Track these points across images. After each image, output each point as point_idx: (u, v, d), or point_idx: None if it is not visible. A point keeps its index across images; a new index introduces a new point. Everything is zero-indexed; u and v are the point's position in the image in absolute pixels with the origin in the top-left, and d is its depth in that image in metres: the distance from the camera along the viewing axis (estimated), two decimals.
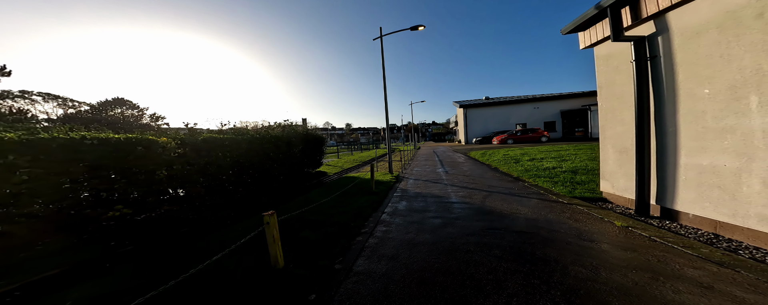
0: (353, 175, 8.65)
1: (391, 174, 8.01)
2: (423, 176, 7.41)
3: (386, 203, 4.69)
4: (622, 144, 3.25)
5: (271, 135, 6.01)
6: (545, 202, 3.91)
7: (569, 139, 21.29)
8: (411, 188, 5.93)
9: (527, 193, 4.57)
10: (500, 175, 6.73)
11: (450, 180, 6.52)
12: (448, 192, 5.17)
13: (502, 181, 5.91)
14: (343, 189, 5.55)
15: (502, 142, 20.67)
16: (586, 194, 4.02)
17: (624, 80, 3.14)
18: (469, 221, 3.35)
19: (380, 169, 9.78)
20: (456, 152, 15.53)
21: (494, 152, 12.29)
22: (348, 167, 11.68)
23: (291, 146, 6.84)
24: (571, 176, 5.36)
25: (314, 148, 8.54)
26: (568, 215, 3.24)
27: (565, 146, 12.83)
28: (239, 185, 5.16)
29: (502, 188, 5.12)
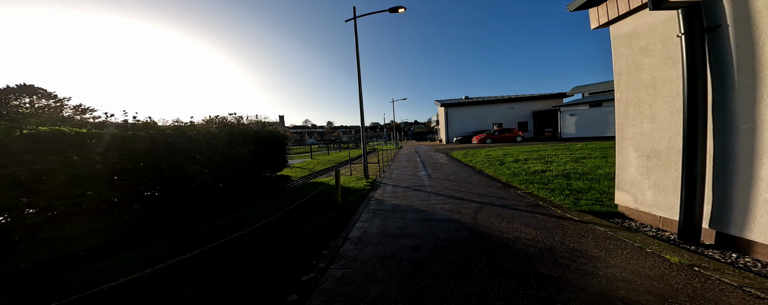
0: (323, 179, 7.39)
1: (367, 179, 6.91)
2: (403, 182, 6.43)
3: (353, 223, 3.59)
4: (650, 146, 2.54)
5: (199, 132, 4.51)
6: (552, 219, 3.13)
7: (540, 139, 22.17)
8: (388, 198, 4.89)
9: (525, 205, 3.80)
10: (487, 179, 6.00)
11: (434, 187, 5.62)
12: (433, 204, 4.23)
13: (491, 187, 5.15)
14: (302, 201, 4.31)
15: (481, 141, 20.83)
16: (595, 208, 3.33)
17: (656, 63, 2.42)
18: (462, 253, 2.40)
19: (356, 172, 8.63)
20: (438, 152, 14.95)
21: (476, 153, 11.84)
22: (320, 170, 10.31)
23: (234, 146, 5.37)
24: (566, 182, 4.76)
25: (273, 148, 7.10)
26: (591, 242, 2.45)
27: (539, 146, 12.87)
28: (129, 200, 3.59)
29: (493, 198, 4.31)
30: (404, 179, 6.89)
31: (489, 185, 5.43)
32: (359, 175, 7.86)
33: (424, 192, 5.19)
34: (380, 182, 6.58)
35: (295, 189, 6.15)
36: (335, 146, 35.56)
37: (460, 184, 5.71)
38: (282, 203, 4.74)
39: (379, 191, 5.57)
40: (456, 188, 5.36)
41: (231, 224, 3.51)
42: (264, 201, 4.98)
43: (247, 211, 4.25)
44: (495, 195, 4.51)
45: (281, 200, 5.02)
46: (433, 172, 7.69)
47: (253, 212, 4.10)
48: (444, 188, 5.44)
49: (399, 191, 5.42)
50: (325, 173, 9.43)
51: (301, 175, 8.62)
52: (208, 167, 4.70)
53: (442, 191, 5.13)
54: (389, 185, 6.24)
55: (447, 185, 5.74)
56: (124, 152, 3.27)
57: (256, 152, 6.23)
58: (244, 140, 5.77)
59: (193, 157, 4.30)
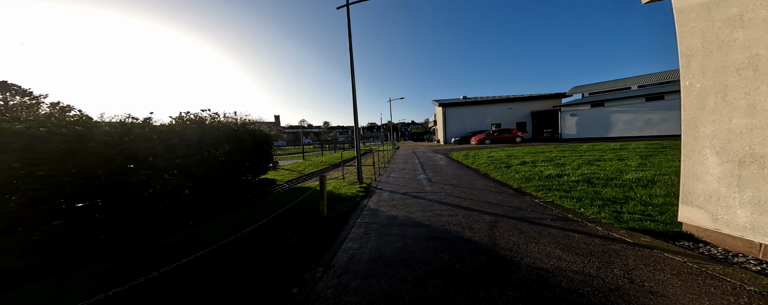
0: (312, 184, 6.60)
1: (360, 184, 6.16)
2: (401, 187, 5.70)
3: (340, 242, 2.84)
4: (745, 149, 1.87)
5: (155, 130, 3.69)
6: (596, 240, 2.44)
7: (539, 139, 21.74)
8: (384, 207, 4.15)
9: (551, 218, 3.11)
10: (495, 185, 5.31)
11: (436, 193, 4.90)
12: (437, 216, 3.51)
13: (503, 195, 4.46)
14: (280, 211, 3.53)
15: (480, 142, 20.28)
16: (648, 225, 2.64)
17: (759, 36, 1.75)
18: (485, 293, 1.69)
19: (350, 175, 7.86)
20: (436, 153, 14.28)
21: (477, 154, 11.20)
22: (310, 173, 9.50)
23: (205, 146, 4.55)
24: (591, 189, 4.09)
25: (256, 149, 6.28)
26: (674, 280, 1.75)
27: (542, 146, 12.33)
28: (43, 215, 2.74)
29: (508, 209, 3.62)
30: (402, 183, 6.16)
31: (499, 191, 4.73)
32: (353, 178, 7.10)
33: (425, 200, 4.47)
34: (375, 188, 5.83)
35: (277, 196, 5.34)
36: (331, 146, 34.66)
37: (465, 190, 5.01)
38: (256, 213, 3.95)
39: (373, 199, 4.83)
40: (461, 195, 4.66)
41: (176, 246, 2.72)
42: (236, 211, 4.18)
43: (209, 225, 3.46)
44: (509, 205, 3.82)
45: (257, 209, 4.23)
46: (433, 175, 6.99)
47: (215, 227, 3.31)
48: (448, 195, 4.73)
49: (397, 199, 4.68)
50: (316, 176, 8.63)
51: (289, 178, 7.82)
52: (168, 171, 3.87)
53: (446, 199, 4.42)
54: (385, 190, 5.50)
55: (450, 191, 5.03)
56: (31, 155, 2.44)
57: (234, 153, 5.41)
58: (218, 140, 4.95)
59: (144, 159, 3.46)
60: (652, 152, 7.13)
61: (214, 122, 5.27)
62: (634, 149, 8.01)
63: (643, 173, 4.64)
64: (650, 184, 3.97)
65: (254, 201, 4.90)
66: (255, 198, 5.21)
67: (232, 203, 4.65)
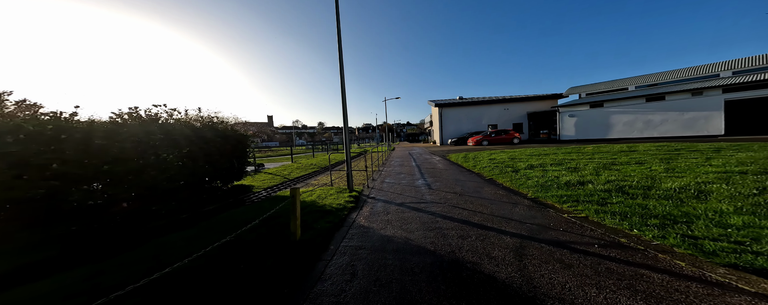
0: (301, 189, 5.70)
1: (350, 192, 5.31)
2: (397, 196, 4.88)
3: (313, 283, 2.02)
4: None
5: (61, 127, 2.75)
6: (687, 284, 1.69)
7: (535, 141, 21.42)
8: (377, 224, 3.33)
9: (598, 244, 2.36)
10: (506, 193, 4.57)
11: (438, 204, 4.12)
12: (444, 237, 2.74)
13: (519, 207, 3.71)
14: (239, 231, 2.66)
15: (478, 143, 19.78)
16: (752, 259, 1.88)
17: None
18: None
19: (340, 180, 6.99)
20: (433, 155, 13.57)
21: (477, 156, 10.53)
22: (297, 177, 8.58)
23: (150, 149, 3.62)
24: (631, 200, 3.37)
25: (226, 152, 5.34)
26: None
27: (544, 148, 11.79)
28: None
29: (533, 227, 2.87)
30: (398, 191, 5.35)
31: (513, 202, 3.98)
32: (342, 184, 6.25)
33: (426, 213, 3.67)
34: (368, 197, 5.00)
35: (248, 207, 4.42)
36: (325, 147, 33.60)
37: (472, 200, 4.24)
38: (209, 234, 3.05)
39: (365, 211, 3.99)
40: (469, 206, 3.88)
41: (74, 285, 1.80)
42: (185, 230, 3.25)
43: (128, 255, 2.53)
44: (532, 221, 3.06)
45: (213, 227, 3.32)
46: (433, 181, 6.21)
47: (132, 261, 2.39)
48: (452, 206, 3.95)
49: (392, 212, 3.87)
50: (302, 181, 7.72)
51: (271, 184, 6.88)
52: (89, 180, 2.91)
53: (451, 213, 3.63)
54: (379, 200, 4.68)
55: (455, 201, 4.26)
56: None
57: (195, 157, 4.47)
58: (172, 141, 4.01)
59: (44, 166, 2.51)
60: (668, 155, 6.59)
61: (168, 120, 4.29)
62: (647, 152, 7.48)
63: (680, 180, 3.98)
64: (703, 195, 3.30)
65: (216, 215, 3.98)
66: (219, 211, 4.28)
67: (183, 220, 3.71)
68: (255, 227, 3.20)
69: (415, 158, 12.73)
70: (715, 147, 7.41)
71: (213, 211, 4.25)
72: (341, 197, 4.84)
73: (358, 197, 5.05)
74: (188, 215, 3.89)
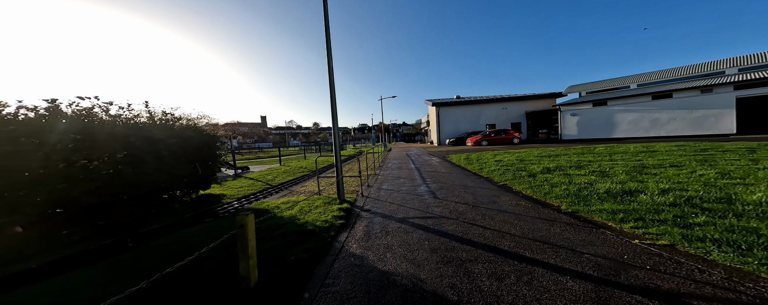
0: (275, 202, 4.72)
1: (340, 204, 4.38)
2: (397, 209, 3.98)
3: None
4: None
5: None
6: None
7: (535, 140, 20.86)
8: (372, 254, 2.45)
9: (740, 301, 1.50)
10: (532, 205, 3.72)
11: (451, 220, 3.23)
12: (470, 278, 1.91)
13: (557, 225, 2.85)
14: (172, 268, 1.72)
15: (477, 143, 19.10)
16: None
17: None
18: None
19: (328, 189, 6.05)
20: (432, 156, 12.73)
21: (480, 157, 9.73)
22: (281, 183, 7.59)
23: (55, 154, 2.61)
24: (717, 219, 2.55)
25: (184, 157, 4.33)
26: None
27: (549, 148, 11.08)
28: None
29: (602, 261, 2.02)
30: (398, 200, 4.45)
31: (545, 217, 3.13)
32: (332, 192, 5.30)
33: (437, 234, 2.79)
34: (361, 209, 4.08)
35: (203, 227, 3.41)
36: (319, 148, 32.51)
37: (491, 214, 3.38)
38: (117, 274, 2.06)
39: (357, 231, 3.08)
40: (490, 223, 3.02)
41: None
42: (82, 268, 2.25)
43: None
44: (592, 251, 2.20)
45: (131, 262, 2.33)
46: (437, 187, 5.33)
47: None
48: (469, 222, 3.08)
49: (393, 231, 2.98)
50: (287, 188, 6.73)
51: (249, 192, 5.87)
52: None
53: (470, 233, 2.76)
54: (376, 214, 3.77)
55: (470, 215, 3.38)
56: None
57: (136, 163, 3.45)
58: (97, 143, 2.99)
59: None
60: (701, 156, 5.87)
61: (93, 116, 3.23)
62: (671, 152, 6.77)
63: (758, 189, 3.19)
64: None
65: (157, 238, 2.98)
66: (164, 231, 3.27)
67: (102, 248, 2.68)
68: (198, 262, 2.24)
69: (414, 159, 11.86)
70: (747, 147, 6.76)
71: (155, 232, 3.25)
72: (329, 211, 3.91)
73: (350, 209, 4.12)
74: (114, 240, 2.87)
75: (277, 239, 2.88)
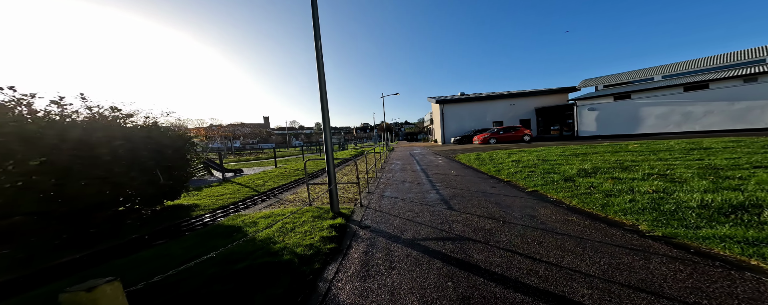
0: (255, 214, 3.84)
1: (333, 218, 3.49)
2: (405, 226, 3.07)
3: None
4: None
5: None
6: None
7: (546, 138, 19.70)
8: (372, 303, 1.52)
9: None
10: (592, 223, 2.77)
11: (479, 245, 2.31)
12: None
13: (657, 260, 1.92)
14: None
15: (484, 141, 18.05)
16: None
17: None
18: None
19: (323, 196, 5.19)
20: (438, 156, 11.77)
21: (492, 157, 8.76)
22: (270, 189, 6.75)
23: None
24: None
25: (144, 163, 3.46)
26: None
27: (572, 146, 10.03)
28: None
29: None
30: (405, 213, 3.54)
31: (632, 247, 2.19)
32: (326, 201, 4.41)
33: (463, 268, 1.90)
34: (359, 225, 3.18)
35: (138, 258, 2.53)
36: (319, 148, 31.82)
37: (535, 236, 2.46)
38: None
39: (351, 264, 2.20)
40: (542, 253, 2.09)
41: None
42: None
43: None
44: None
45: None
46: (450, 193, 4.41)
47: None
48: (504, 246, 2.17)
49: (400, 263, 2.10)
50: (276, 196, 5.87)
51: (229, 201, 5.02)
52: None
53: (514, 269, 1.85)
54: (378, 233, 2.88)
55: (503, 235, 2.46)
56: None
57: (66, 171, 2.58)
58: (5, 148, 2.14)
59: None
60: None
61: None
62: (733, 149, 5.72)
63: None
64: None
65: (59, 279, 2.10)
66: (81, 265, 2.39)
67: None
68: None
69: (419, 159, 10.92)
70: None
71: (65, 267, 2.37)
72: (317, 230, 3.02)
73: (345, 226, 3.23)
74: None
75: (230, 279, 2.00)
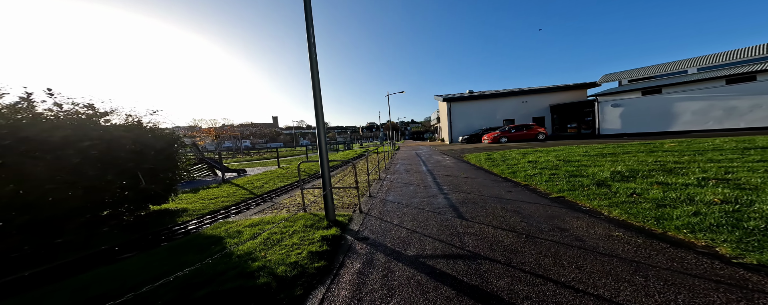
0: (243, 222, 3.48)
1: (328, 229, 3.08)
2: (408, 238, 2.60)
3: None
4: None
5: None
6: None
7: (562, 136, 18.57)
8: None
9: None
10: (649, 242, 2.21)
11: (501, 267, 1.82)
12: None
13: None
14: None
15: (495, 140, 17.23)
16: None
17: None
18: None
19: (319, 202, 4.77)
20: (445, 156, 11.18)
21: (506, 157, 8.11)
22: (268, 191, 6.44)
23: None
24: None
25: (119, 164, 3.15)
26: None
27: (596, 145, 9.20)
28: None
29: None
30: (409, 221, 3.07)
31: (725, 281, 1.63)
32: (320, 208, 3.99)
33: (482, 299, 1.38)
34: (356, 236, 2.74)
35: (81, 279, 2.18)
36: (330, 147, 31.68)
37: (571, 256, 1.94)
38: None
39: (342, 289, 1.77)
40: (586, 282, 1.57)
41: None
42: None
43: None
44: None
45: None
46: (460, 198, 3.89)
47: None
48: (531, 270, 1.66)
49: (401, 288, 1.67)
50: (273, 199, 5.54)
51: (221, 205, 4.71)
52: None
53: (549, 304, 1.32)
54: (378, 247, 2.44)
55: (529, 254, 1.96)
56: None
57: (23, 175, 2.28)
58: None
59: None
60: None
61: None
62: None
63: None
64: None
65: None
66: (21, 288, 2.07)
67: None
68: None
69: (425, 160, 10.38)
70: None
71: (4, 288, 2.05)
72: (307, 242, 2.61)
73: (340, 237, 2.80)
74: None
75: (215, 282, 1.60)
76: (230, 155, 29.30)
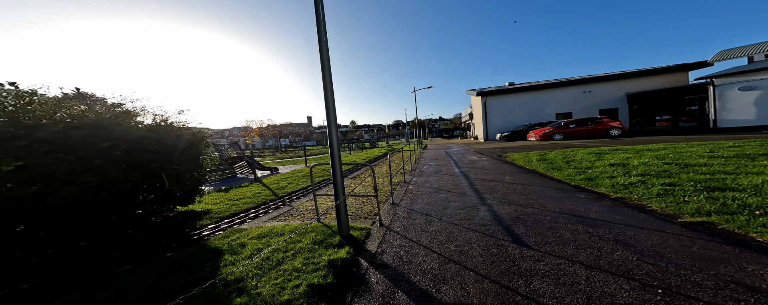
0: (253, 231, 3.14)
1: (339, 249, 2.48)
2: (443, 271, 1.81)
3: None
4: None
5: None
6: None
7: (649, 132, 14.63)
8: None
9: None
10: None
11: None
12: None
13: None
14: None
15: (546, 138, 14.54)
16: None
17: None
18: None
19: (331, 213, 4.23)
20: (481, 155, 9.67)
21: (568, 157, 6.46)
22: (291, 192, 6.27)
23: None
24: None
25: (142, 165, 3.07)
26: None
27: (726, 142, 6.74)
28: None
29: None
30: (441, 244, 2.26)
31: None
32: (333, 217, 3.43)
33: None
34: (373, 262, 2.05)
35: None
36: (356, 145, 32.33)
37: None
38: None
39: None
40: None
41: None
42: None
43: None
44: None
45: None
46: (512, 213, 2.89)
47: None
48: None
49: None
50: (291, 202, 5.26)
51: (244, 206, 4.58)
52: None
53: None
54: (400, 284, 1.72)
55: None
56: None
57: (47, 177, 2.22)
58: None
59: None
60: None
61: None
62: None
63: None
64: None
65: None
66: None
67: None
68: None
69: (457, 160, 9.16)
70: None
71: None
72: (310, 268, 2.04)
73: (351, 263, 2.15)
74: None
75: None
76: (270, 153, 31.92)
